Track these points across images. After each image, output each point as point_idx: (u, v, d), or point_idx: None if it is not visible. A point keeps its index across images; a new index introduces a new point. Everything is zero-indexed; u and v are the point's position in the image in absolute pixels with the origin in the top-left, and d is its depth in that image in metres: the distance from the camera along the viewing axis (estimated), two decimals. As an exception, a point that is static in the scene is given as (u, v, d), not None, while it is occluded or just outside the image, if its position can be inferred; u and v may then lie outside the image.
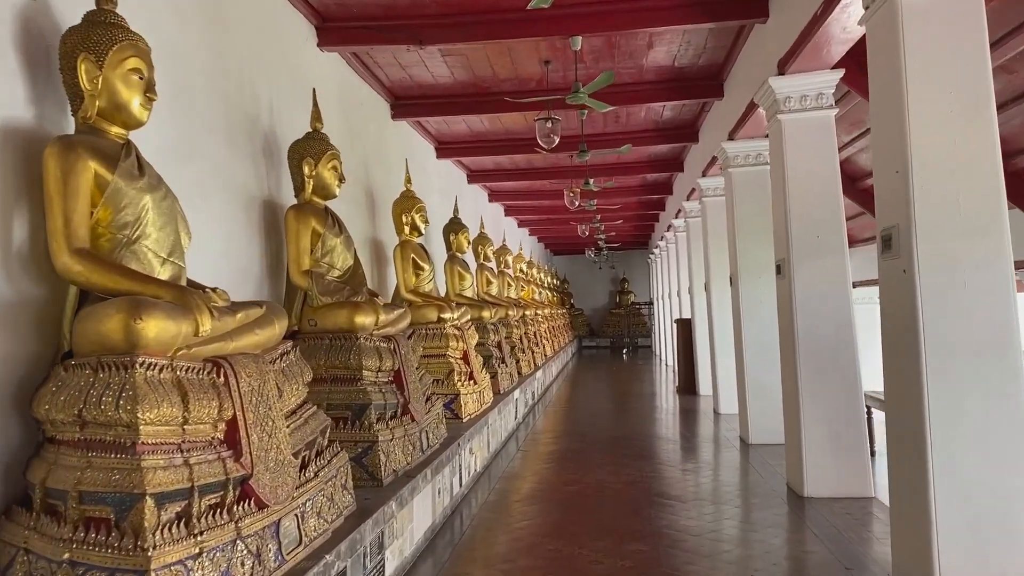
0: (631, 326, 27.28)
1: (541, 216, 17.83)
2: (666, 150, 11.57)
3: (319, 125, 5.03)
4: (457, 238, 9.30)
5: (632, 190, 14.58)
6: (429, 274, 7.26)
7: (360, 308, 4.54)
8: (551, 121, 7.00)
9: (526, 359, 11.23)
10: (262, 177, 4.93)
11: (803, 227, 5.62)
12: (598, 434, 8.50)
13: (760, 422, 7.57)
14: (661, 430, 8.91)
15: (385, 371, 4.64)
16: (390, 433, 4.36)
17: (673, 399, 11.84)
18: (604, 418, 9.86)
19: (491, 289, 11.26)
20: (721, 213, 9.80)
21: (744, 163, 7.80)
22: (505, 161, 11.93)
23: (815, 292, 5.58)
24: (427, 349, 6.72)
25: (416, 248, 7.23)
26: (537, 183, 13.79)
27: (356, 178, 6.96)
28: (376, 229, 7.45)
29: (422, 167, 9.72)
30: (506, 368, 9.09)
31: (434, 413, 5.38)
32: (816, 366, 5.56)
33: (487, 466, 6.80)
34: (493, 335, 9.04)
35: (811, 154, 5.64)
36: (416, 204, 7.21)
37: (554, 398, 12.32)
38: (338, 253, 4.91)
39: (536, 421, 9.77)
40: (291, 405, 3.28)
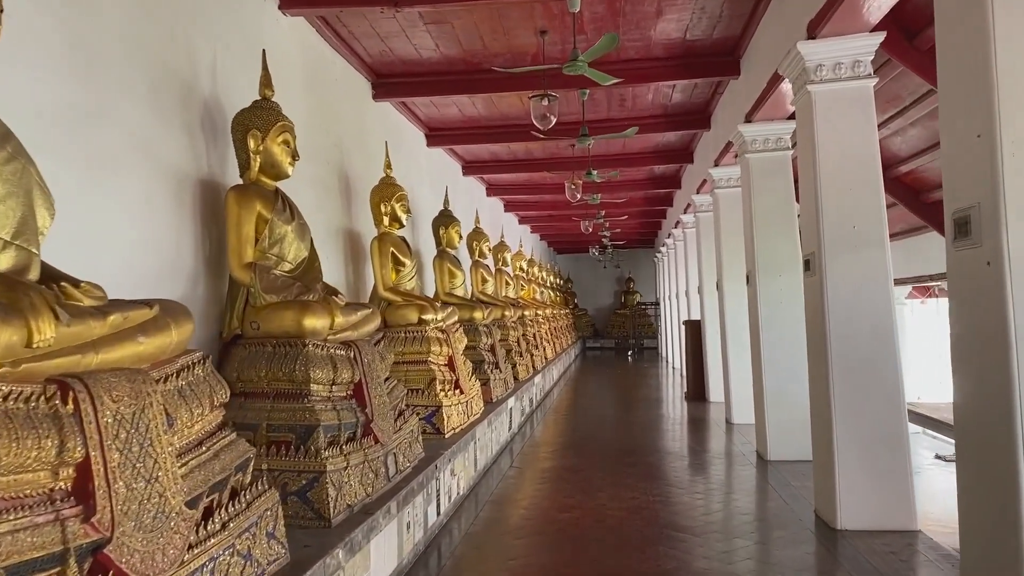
0: (637, 327, 26.48)
1: (543, 212, 17.06)
2: (675, 139, 10.78)
3: (269, 92, 4.27)
4: (448, 232, 8.53)
5: (638, 184, 13.79)
6: (411, 270, 6.50)
7: (309, 309, 3.77)
8: (547, 99, 6.23)
9: (524, 363, 10.46)
10: (200, 153, 4.17)
11: (837, 216, 4.84)
12: (600, 447, 7.73)
13: (780, 436, 6.78)
14: (669, 443, 8.13)
15: (341, 384, 3.88)
16: (343, 460, 3.59)
17: (681, 406, 11.05)
18: (607, 428, 9.08)
19: (487, 288, 10.49)
20: (735, 206, 9.00)
21: (763, 148, 7.02)
22: (502, 151, 11.16)
23: (851, 291, 4.80)
24: (406, 355, 5.96)
25: (396, 241, 6.47)
26: (537, 176, 13.01)
27: (329, 162, 6.21)
28: (353, 220, 6.69)
29: (411, 156, 8.95)
30: (500, 374, 8.32)
31: (407, 431, 4.62)
32: (852, 376, 4.78)
33: (474, 487, 6.03)
34: (486, 338, 8.27)
35: (846, 131, 4.85)
36: (396, 192, 6.45)
37: (554, 404, 11.55)
38: (289, 243, 4.15)
39: (534, 430, 9.01)
40: (193, 435, 2.51)
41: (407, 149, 8.81)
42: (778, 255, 6.90)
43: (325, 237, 6.03)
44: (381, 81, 7.42)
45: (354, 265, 6.64)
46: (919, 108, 5.95)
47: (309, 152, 5.79)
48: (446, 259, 8.48)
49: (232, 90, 4.50)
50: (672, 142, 10.97)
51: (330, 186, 6.18)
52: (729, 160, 8.81)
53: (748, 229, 7.17)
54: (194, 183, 4.07)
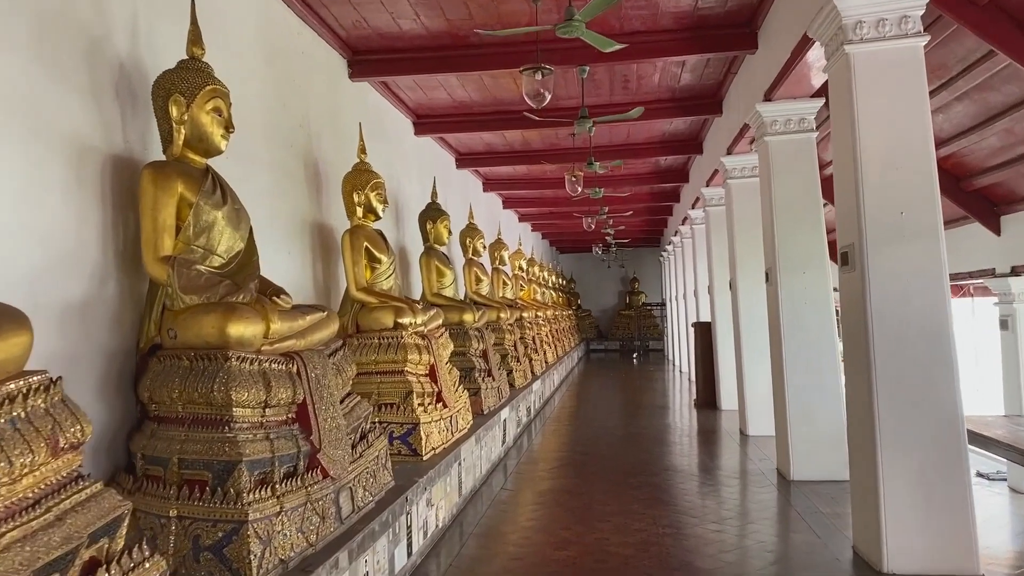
0: (642, 328, 25.69)
1: (543, 209, 16.29)
2: (683, 127, 10.02)
3: (198, 51, 3.54)
4: (435, 227, 7.79)
5: (642, 177, 13.02)
6: (388, 268, 5.75)
7: (235, 312, 3.03)
8: (541, 73, 5.48)
9: (521, 369, 9.70)
10: (112, 123, 3.43)
11: (881, 201, 4.08)
12: (603, 465, 6.97)
13: (805, 454, 6.03)
14: (678, 459, 7.36)
15: (279, 406, 3.13)
16: (275, 504, 2.85)
17: (690, 415, 10.28)
18: (610, 441, 8.32)
19: (481, 288, 9.74)
20: (751, 197, 8.25)
21: (785, 130, 6.25)
22: (498, 142, 10.41)
23: (898, 288, 4.04)
24: (379, 364, 5.22)
25: (371, 235, 5.73)
26: (536, 169, 12.26)
27: (293, 145, 5.47)
28: (323, 212, 5.95)
29: (396, 144, 8.22)
30: (493, 382, 7.57)
31: (372, 457, 3.88)
32: (900, 387, 4.03)
33: (458, 515, 5.28)
34: (477, 343, 7.52)
35: (893, 99, 4.09)
36: (371, 179, 5.71)
37: (555, 412, 10.79)
38: (219, 232, 3.40)
39: (531, 443, 8.26)
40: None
41: (391, 136, 8.07)
42: (802, 249, 6.14)
43: (288, 231, 5.30)
44: (358, 58, 6.68)
45: (324, 263, 5.90)
46: (968, 78, 5.19)
47: (267, 132, 5.06)
48: (433, 256, 7.74)
49: (160, 52, 3.76)
50: (680, 131, 10.20)
51: (293, 172, 5.44)
52: (743, 148, 8.05)
53: (768, 221, 6.41)
54: (103, 159, 3.33)
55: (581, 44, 6.26)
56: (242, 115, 4.68)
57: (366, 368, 5.25)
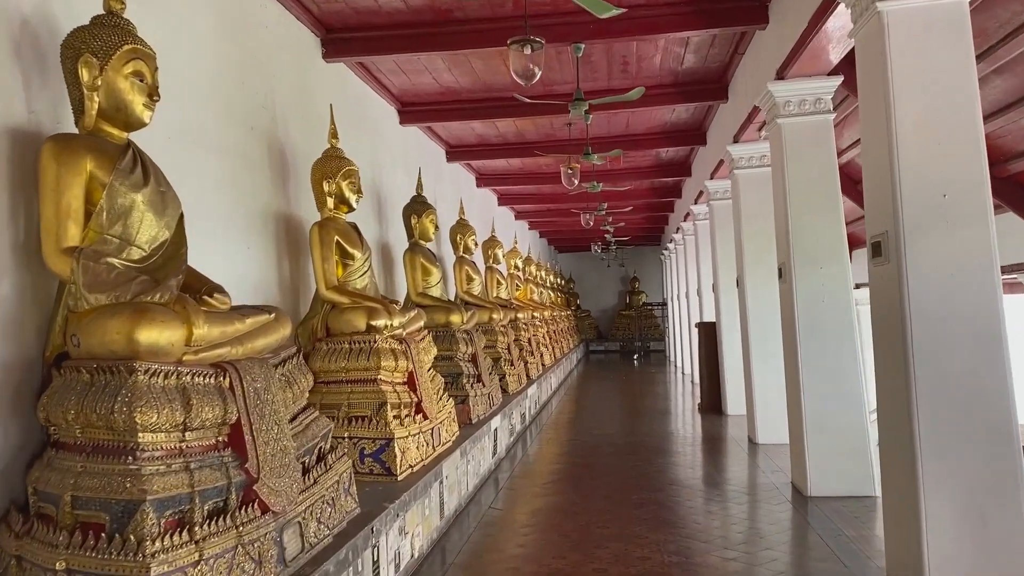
0: (642, 329, 25.12)
1: (540, 206, 15.74)
2: (686, 115, 9.46)
3: (117, 5, 2.98)
4: (421, 222, 7.24)
5: (643, 171, 12.47)
6: (362, 264, 5.20)
7: (146, 316, 2.47)
8: (530, 46, 4.92)
9: (515, 373, 9.15)
10: (11, 90, 2.87)
11: (920, 182, 3.53)
12: (602, 478, 6.41)
13: (825, 467, 5.47)
14: (684, 471, 6.80)
15: (203, 429, 2.58)
16: (193, 551, 2.29)
17: (694, 420, 9.73)
18: (610, 450, 7.76)
19: (473, 288, 9.19)
20: (760, 188, 7.71)
21: (799, 111, 5.70)
22: (490, 133, 9.84)
23: (941, 282, 3.49)
24: (348, 372, 4.66)
25: (343, 228, 5.18)
26: (532, 163, 11.72)
27: (255, 128, 4.92)
28: (291, 203, 5.40)
29: (379, 133, 7.67)
30: (483, 388, 7.01)
31: (330, 482, 3.32)
32: (944, 394, 3.48)
33: (439, 540, 4.72)
34: (466, 346, 6.97)
35: (934, 62, 3.54)
36: (343, 167, 5.16)
37: (552, 418, 10.23)
38: (139, 218, 2.84)
39: (526, 452, 7.70)
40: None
41: (374, 125, 7.52)
42: (819, 242, 5.59)
43: (248, 223, 4.75)
44: (333, 36, 6.13)
45: (292, 260, 5.35)
46: (1011, 46, 4.63)
47: (222, 112, 4.51)
48: (419, 253, 7.18)
49: (80, 5, 3.20)
50: (682, 120, 9.65)
51: (254, 158, 4.88)
52: (751, 135, 7.51)
53: (781, 212, 5.85)
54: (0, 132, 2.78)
55: (575, 18, 5.74)
56: (189, 90, 4.14)
57: (335, 376, 4.70)
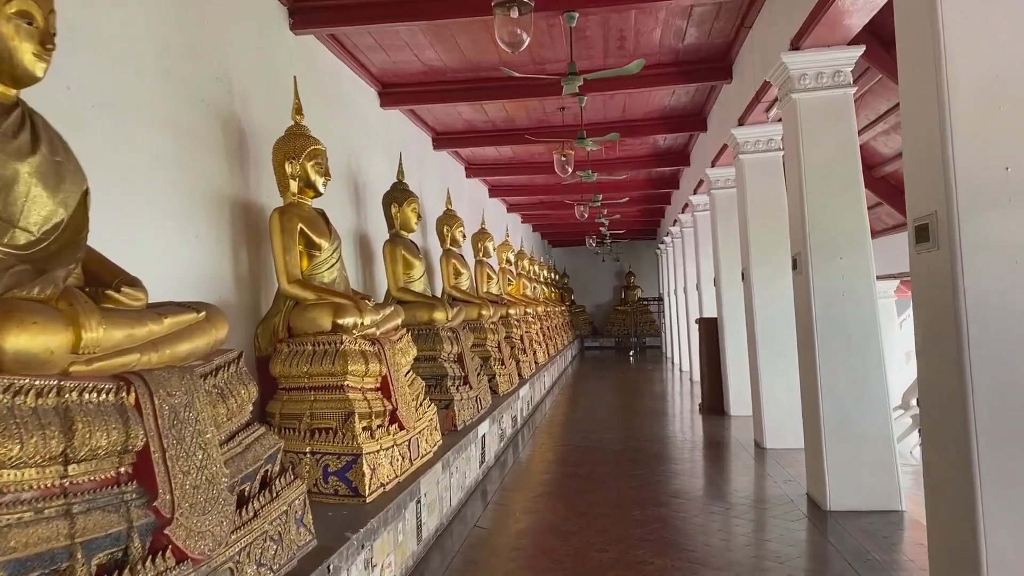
0: (638, 325, 24.61)
1: (533, 197, 15.18)
2: (686, 100, 8.90)
3: (-1, -69, 2.40)
4: (402, 211, 6.67)
5: (640, 160, 11.91)
6: (330, 255, 4.64)
7: (12, 316, 1.90)
8: (517, 8, 4.36)
9: (505, 373, 8.60)
10: None
11: (978, 151, 2.98)
12: (598, 490, 5.87)
13: (846, 478, 4.94)
14: (688, 481, 6.26)
15: (96, 459, 2.02)
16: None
17: (696, 422, 9.19)
18: (607, 457, 7.22)
19: (461, 283, 8.63)
20: (765, 175, 7.19)
21: (816, 85, 5.15)
22: (478, 119, 9.27)
23: (1003, 268, 2.94)
24: (312, 377, 4.10)
25: (308, 215, 4.61)
26: (523, 152, 11.16)
27: (206, 101, 4.35)
28: (250, 187, 4.83)
29: (357, 115, 7.10)
30: (470, 391, 6.46)
31: (273, 516, 2.77)
32: (1008, 403, 2.93)
33: (416, 567, 4.17)
34: (451, 345, 6.41)
35: (996, 12, 2.99)
36: (308, 146, 4.60)
37: (545, 420, 9.69)
38: (24, 194, 2.27)
39: (518, 458, 7.15)
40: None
41: (351, 107, 6.95)
42: (839, 229, 5.05)
43: (197, 208, 4.18)
44: (300, 5, 5.55)
45: (252, 251, 4.78)
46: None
47: (163, 80, 3.94)
48: (399, 245, 6.62)
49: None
50: (682, 105, 9.09)
51: (205, 136, 4.30)
52: (758, 117, 6.96)
53: (795, 197, 5.31)
54: None
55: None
56: (124, 53, 3.57)
57: (297, 382, 4.14)
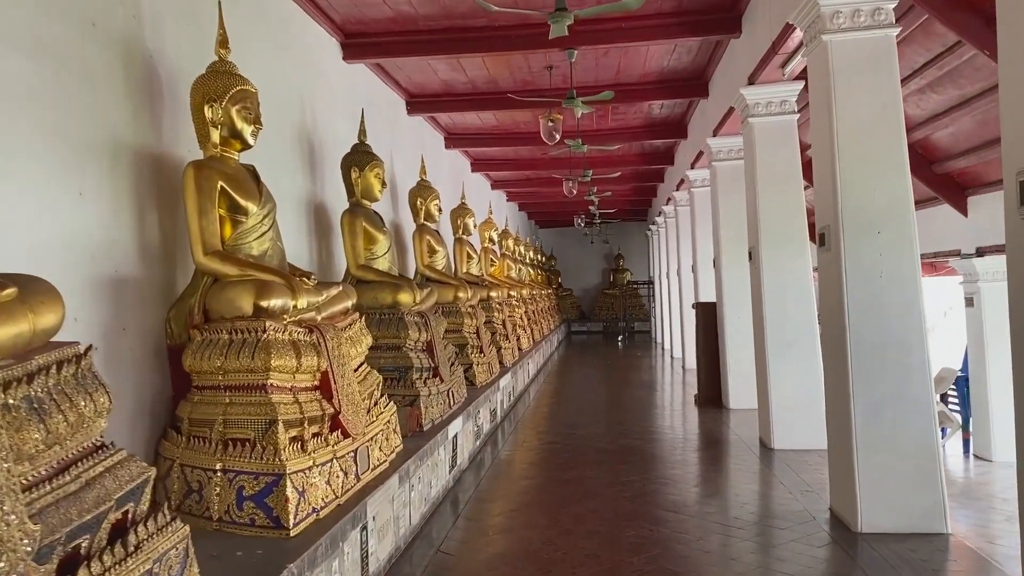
0: (627, 309, 23.83)
1: (519, 173, 14.32)
2: (688, 60, 8.02)
3: None
4: (364, 177, 5.82)
5: (633, 131, 11.02)
6: (260, 221, 3.80)
7: None
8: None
9: (484, 362, 7.77)
10: None
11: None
12: (587, 499, 5.06)
13: (882, 495, 4.17)
14: (690, 490, 5.46)
15: None
16: None
17: (692, 416, 8.41)
18: (596, 458, 6.42)
19: (436, 262, 7.77)
20: (779, 141, 6.41)
21: (852, 25, 4.30)
22: (457, 80, 8.35)
23: None
24: (227, 374, 3.25)
25: (233, 173, 3.77)
26: (507, 120, 10.28)
27: (97, 25, 3.45)
28: (163, 138, 3.94)
29: (317, 72, 6.21)
30: (441, 385, 5.62)
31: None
32: None
33: (359, 609, 3.35)
34: (418, 332, 5.56)
35: None
36: (233, 87, 3.77)
37: (529, 412, 8.89)
38: None
39: (497, 457, 6.33)
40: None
41: (306, 56, 6.04)
42: (878, 198, 4.23)
43: (82, 160, 3.28)
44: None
45: (168, 215, 3.89)
46: None
47: None
48: (360, 216, 5.75)
49: None
50: (682, 67, 8.21)
51: (95, 69, 3.39)
52: (772, 74, 6.13)
53: (824, 160, 4.47)
54: None
55: None
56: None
57: (210, 380, 3.29)
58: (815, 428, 6.21)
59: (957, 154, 6.55)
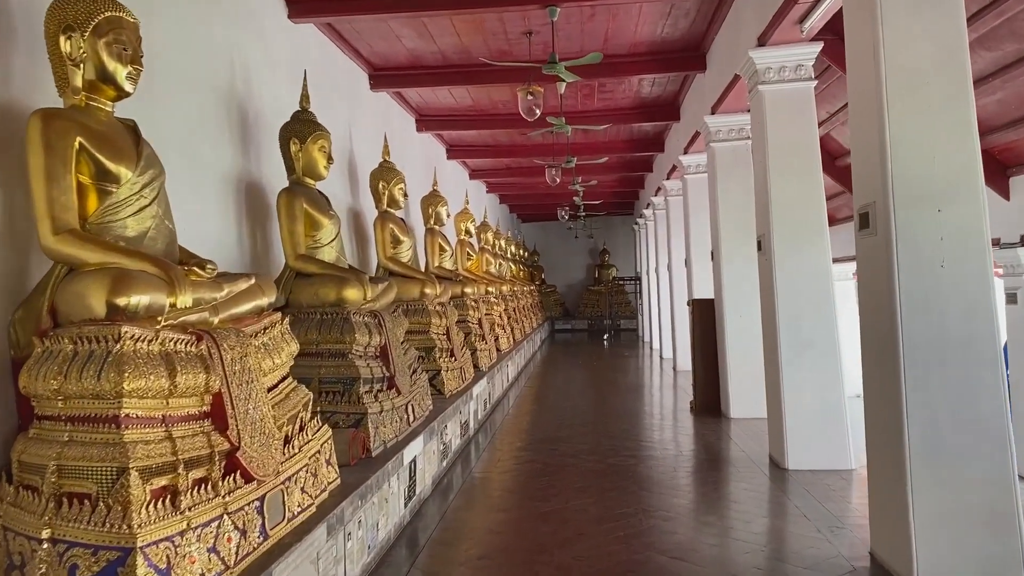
0: (613, 306, 22.96)
1: (498, 160, 13.39)
2: (684, 26, 7.13)
3: None
4: (306, 151, 4.94)
5: (621, 112, 10.08)
6: (138, 192, 2.84)
7: None
8: None
9: (456, 367, 6.85)
10: None
11: None
12: (573, 542, 4.15)
13: (948, 538, 3.29)
14: (697, 532, 4.53)
15: None
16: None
17: (689, 427, 7.52)
18: (582, 482, 5.52)
19: (400, 253, 6.85)
20: (797, 109, 5.53)
21: None
22: (425, 50, 7.41)
23: None
24: (66, 402, 2.31)
25: (100, 128, 2.82)
26: (483, 98, 9.36)
27: None
28: (16, 83, 2.98)
29: (254, 30, 5.24)
30: (396, 398, 4.70)
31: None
32: None
33: None
34: (369, 336, 4.62)
35: None
36: (100, 12, 2.81)
37: (507, 421, 7.97)
38: None
39: (468, 479, 5.41)
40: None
41: (243, 8, 5.08)
42: (938, 167, 3.35)
43: None
44: None
45: (14, 186, 2.94)
46: None
47: None
48: (299, 196, 4.80)
49: None
50: (678, 35, 7.32)
51: None
52: (787, 33, 5.26)
53: (866, 118, 3.59)
54: None
55: None
56: None
57: (48, 408, 2.35)
58: (837, 445, 5.40)
59: (1001, 126, 5.67)
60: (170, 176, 3.12)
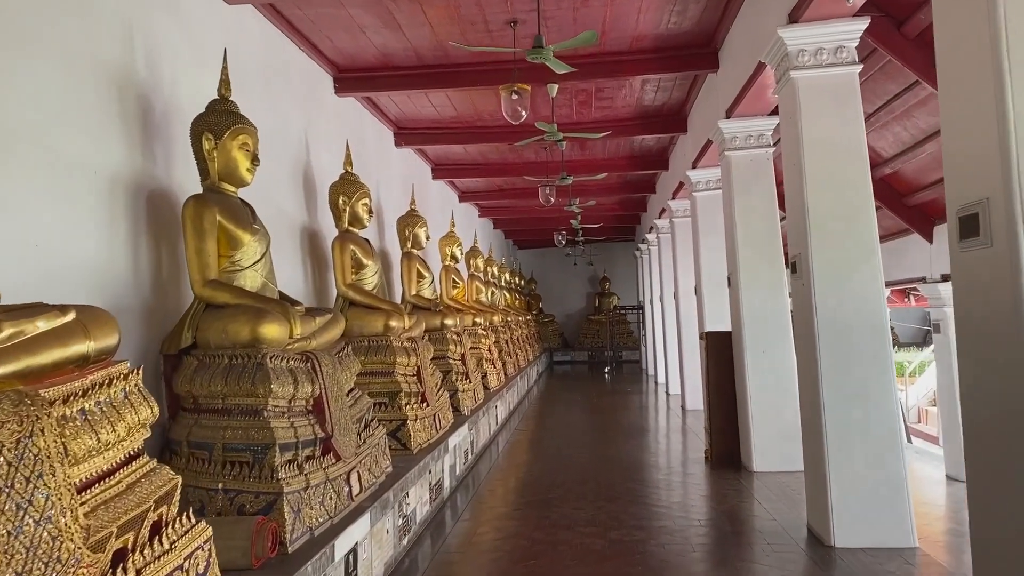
0: (614, 336, 21.83)
1: (489, 180, 12.42)
2: (689, 26, 6.15)
3: None
4: (224, 147, 3.91)
5: (621, 123, 9.08)
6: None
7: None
8: None
9: (428, 414, 5.75)
10: None
11: None
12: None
13: None
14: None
15: None
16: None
17: (706, 484, 6.38)
18: (573, 570, 4.39)
19: (364, 279, 5.79)
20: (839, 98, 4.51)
21: None
22: (396, 48, 6.43)
23: None
24: None
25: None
26: (466, 105, 8.37)
27: None
28: None
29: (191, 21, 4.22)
30: (333, 467, 3.58)
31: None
32: None
33: None
34: (295, 386, 3.52)
35: None
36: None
37: (495, 473, 6.84)
38: None
39: (436, 557, 4.29)
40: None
41: None
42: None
43: None
44: None
45: None
46: None
47: None
48: (210, 207, 3.73)
49: None
50: (686, 27, 6.33)
51: None
52: (827, 6, 4.27)
53: (983, 91, 2.55)
54: None
55: None
56: None
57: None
58: (895, 517, 4.30)
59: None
60: (12, 174, 2.11)
